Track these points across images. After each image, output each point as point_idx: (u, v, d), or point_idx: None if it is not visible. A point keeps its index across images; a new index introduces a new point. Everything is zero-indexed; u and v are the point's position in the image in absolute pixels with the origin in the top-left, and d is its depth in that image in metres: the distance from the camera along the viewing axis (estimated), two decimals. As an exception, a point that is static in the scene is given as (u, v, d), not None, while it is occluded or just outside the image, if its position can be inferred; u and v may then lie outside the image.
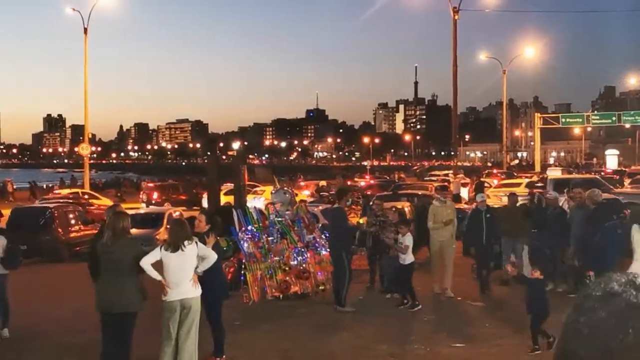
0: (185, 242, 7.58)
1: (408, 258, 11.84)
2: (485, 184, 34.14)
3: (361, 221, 15.38)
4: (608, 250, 8.60)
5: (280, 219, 12.45)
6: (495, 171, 59.76)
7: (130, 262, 7.50)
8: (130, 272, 7.52)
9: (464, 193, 33.30)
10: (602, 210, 11.28)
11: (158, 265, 7.60)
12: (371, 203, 15.79)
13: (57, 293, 14.37)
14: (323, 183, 43.30)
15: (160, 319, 7.72)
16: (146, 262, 7.44)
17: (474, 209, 13.37)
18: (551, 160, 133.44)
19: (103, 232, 8.10)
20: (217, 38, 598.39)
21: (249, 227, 12.13)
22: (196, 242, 7.74)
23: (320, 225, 12.75)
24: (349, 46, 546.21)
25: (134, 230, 10.49)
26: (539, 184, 28.87)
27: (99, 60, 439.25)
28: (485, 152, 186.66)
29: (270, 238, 12.06)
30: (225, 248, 10.00)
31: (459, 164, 46.14)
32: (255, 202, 28.80)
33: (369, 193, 37.02)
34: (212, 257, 7.88)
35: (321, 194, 37.53)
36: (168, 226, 7.84)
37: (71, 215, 20.89)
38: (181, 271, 7.61)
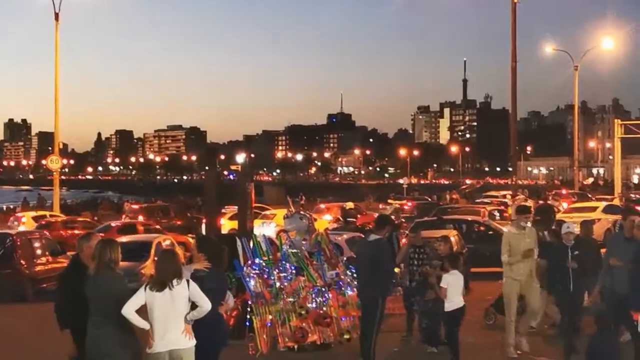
0: (174, 280, 7.56)
1: (454, 303, 11.74)
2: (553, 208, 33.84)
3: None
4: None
5: (295, 250, 12.46)
6: (564, 191, 59.49)
7: (116, 304, 7.53)
8: (116, 318, 7.54)
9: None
10: None
11: (144, 309, 7.61)
12: (406, 231, 15.75)
13: (18, 341, 14.40)
14: (349, 205, 43.30)
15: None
16: (129, 310, 7.43)
17: (558, 245, 12.72)
18: (635, 179, 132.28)
19: (77, 265, 8.15)
20: (216, 29, 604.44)
21: (257, 261, 12.15)
22: (187, 281, 7.71)
23: (345, 258, 12.71)
24: (380, 37, 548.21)
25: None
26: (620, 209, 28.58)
27: (73, 57, 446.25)
28: (551, 168, 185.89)
29: (282, 274, 12.07)
30: (230, 286, 10.04)
31: (519, 182, 46.00)
32: (265, 229, 28.85)
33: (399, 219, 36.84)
34: (205, 306, 7.79)
35: (347, 219, 37.47)
36: (155, 258, 7.85)
37: (37, 244, 21.05)
38: (169, 316, 7.58)
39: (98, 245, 7.95)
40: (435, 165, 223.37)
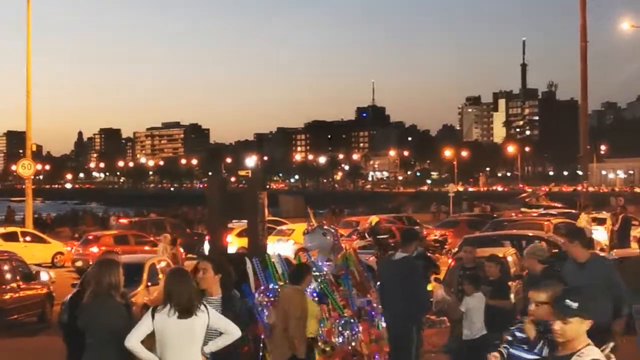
0: (194, 305, 7.66)
1: (473, 331, 11.89)
2: (633, 221, 33.61)
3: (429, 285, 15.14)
4: None
5: (317, 273, 12.41)
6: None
7: (115, 339, 7.62)
8: (115, 354, 7.64)
9: (600, 234, 32.84)
10: None
11: (150, 340, 7.66)
12: (454, 248, 15.72)
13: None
14: (374, 219, 43.38)
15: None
16: (134, 342, 7.50)
17: None
18: None
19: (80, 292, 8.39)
20: (220, 5, 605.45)
21: (271, 286, 12.11)
22: (206, 307, 7.83)
23: (378, 283, 12.77)
24: (419, 12, 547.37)
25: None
26: None
27: (49, 44, 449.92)
28: (631, 172, 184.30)
29: None
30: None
31: (591, 189, 45.79)
32: (280, 247, 28.78)
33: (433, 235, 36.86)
34: (235, 332, 7.94)
35: (378, 237, 37.41)
36: (162, 281, 7.95)
37: (5, 267, 21.17)
38: (185, 347, 7.67)
39: (95, 267, 8.12)
40: (488, 169, 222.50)
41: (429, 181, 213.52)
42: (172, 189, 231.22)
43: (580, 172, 37.74)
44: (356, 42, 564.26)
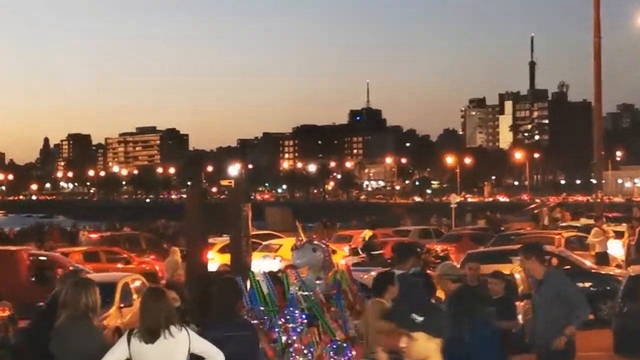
0: (172, 327, 7.65)
1: None
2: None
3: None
4: None
5: (307, 293, 12.44)
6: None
7: None
8: None
9: (615, 249, 32.78)
10: None
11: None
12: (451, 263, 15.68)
13: None
14: (368, 233, 43.44)
15: None
16: None
17: None
18: None
19: (54, 309, 8.33)
20: (198, 3, 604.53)
21: (256, 307, 12.17)
22: (186, 328, 7.86)
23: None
24: (418, 6, 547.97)
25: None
26: None
27: (10, 43, 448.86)
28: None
29: (290, 325, 12.04)
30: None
31: (606, 199, 45.84)
32: (266, 264, 28.77)
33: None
34: (218, 358, 8.00)
35: (372, 253, 37.64)
36: (138, 302, 7.97)
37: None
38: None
39: (69, 288, 8.08)
40: (493, 177, 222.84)
41: (429, 191, 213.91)
42: (147, 200, 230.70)
43: (594, 181, 37.75)
44: (349, 39, 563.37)
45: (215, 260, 30.18)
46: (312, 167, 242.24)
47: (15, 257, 28.57)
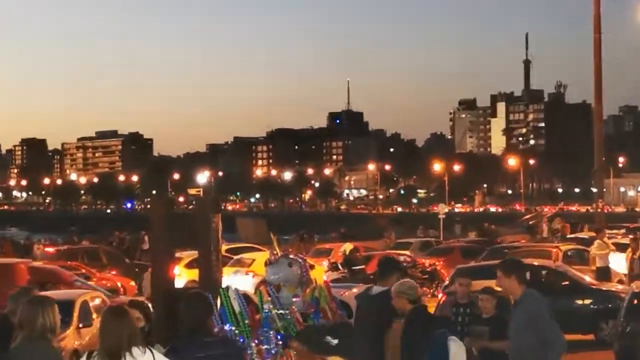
0: (134, 348, 7.75)
1: None
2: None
3: None
4: None
5: (282, 311, 12.28)
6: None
7: None
8: None
9: (618, 262, 32.48)
10: None
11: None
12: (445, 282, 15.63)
13: None
14: (348, 246, 43.48)
15: None
16: None
17: None
18: None
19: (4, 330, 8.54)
20: (164, 1, 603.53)
21: (227, 327, 12.03)
22: (150, 351, 7.97)
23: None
24: (402, 5, 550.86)
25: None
26: None
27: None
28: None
29: (264, 347, 11.90)
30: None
31: (607, 209, 45.77)
32: (238, 280, 28.72)
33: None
34: None
35: (353, 268, 37.70)
36: (98, 321, 8.31)
37: None
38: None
39: (24, 307, 8.11)
40: (485, 185, 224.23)
41: (415, 200, 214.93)
42: (108, 210, 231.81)
43: (594, 189, 37.92)
44: (327, 37, 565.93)
45: (182, 276, 30.18)
46: (287, 175, 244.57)
47: (15, 270, 28.75)
